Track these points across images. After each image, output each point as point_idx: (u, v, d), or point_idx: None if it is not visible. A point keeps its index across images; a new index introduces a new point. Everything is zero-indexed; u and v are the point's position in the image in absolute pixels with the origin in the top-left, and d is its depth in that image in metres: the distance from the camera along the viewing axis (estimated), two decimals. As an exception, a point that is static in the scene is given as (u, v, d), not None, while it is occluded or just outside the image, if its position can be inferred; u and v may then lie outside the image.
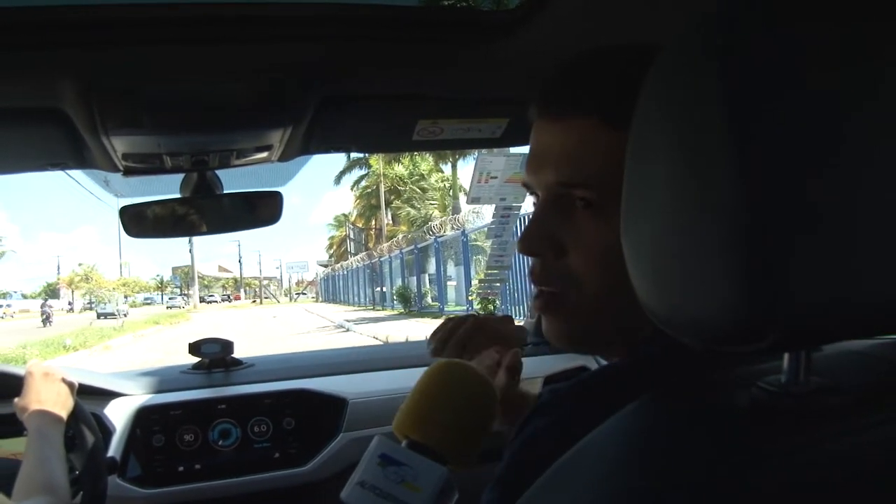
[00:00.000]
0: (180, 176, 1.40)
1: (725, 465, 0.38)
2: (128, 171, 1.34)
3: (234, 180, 1.44)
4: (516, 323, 1.04)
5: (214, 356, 1.74)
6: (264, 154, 1.34)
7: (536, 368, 1.73)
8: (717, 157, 0.36)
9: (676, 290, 0.41)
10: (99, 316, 38.73)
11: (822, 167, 0.35)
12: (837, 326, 0.39)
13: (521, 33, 0.99)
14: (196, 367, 1.75)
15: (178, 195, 1.41)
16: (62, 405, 1.26)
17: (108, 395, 1.56)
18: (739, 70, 0.36)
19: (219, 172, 1.39)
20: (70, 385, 1.30)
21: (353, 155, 32.86)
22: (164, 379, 1.68)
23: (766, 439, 0.40)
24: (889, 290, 0.36)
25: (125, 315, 37.67)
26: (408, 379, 1.67)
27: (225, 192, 1.41)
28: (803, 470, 0.37)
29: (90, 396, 1.47)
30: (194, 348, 1.74)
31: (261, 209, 1.45)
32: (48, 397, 1.25)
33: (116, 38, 0.93)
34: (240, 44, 0.99)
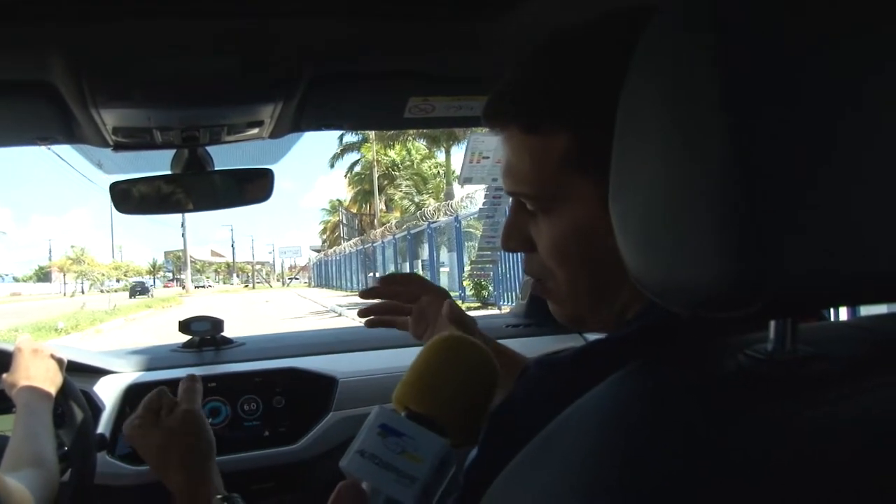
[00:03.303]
0: (172, 155, 1.39)
1: (708, 430, 0.38)
2: (118, 147, 1.33)
3: (226, 158, 1.43)
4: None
5: (204, 334, 1.74)
6: (255, 130, 1.33)
7: (528, 350, 1.73)
8: (710, 126, 0.36)
9: (666, 258, 0.40)
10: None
11: (816, 137, 0.35)
12: (826, 293, 0.39)
13: (515, 11, 0.98)
14: (186, 345, 1.75)
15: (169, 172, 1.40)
16: (51, 381, 1.25)
17: (98, 373, 1.56)
18: (734, 40, 0.35)
19: (211, 151, 1.39)
20: (59, 361, 1.29)
21: (346, 139, 32.79)
22: (154, 357, 1.68)
23: (753, 405, 0.40)
24: (878, 259, 0.36)
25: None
26: (397, 358, 1.68)
27: (216, 168, 1.40)
28: (792, 435, 0.37)
29: (79, 373, 1.47)
30: (184, 326, 1.74)
31: (252, 187, 1.44)
32: (37, 373, 1.24)
33: (106, 10, 0.92)
34: (230, 18, 0.98)
